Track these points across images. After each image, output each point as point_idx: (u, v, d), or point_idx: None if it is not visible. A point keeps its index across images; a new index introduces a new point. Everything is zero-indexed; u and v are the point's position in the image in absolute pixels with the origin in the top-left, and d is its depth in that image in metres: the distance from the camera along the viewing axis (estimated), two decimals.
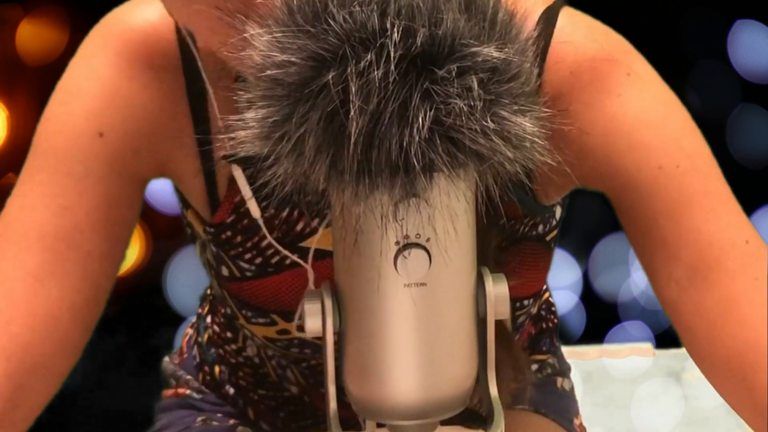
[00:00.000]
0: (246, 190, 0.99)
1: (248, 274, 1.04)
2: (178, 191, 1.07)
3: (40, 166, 0.98)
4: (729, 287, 0.93)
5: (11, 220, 0.98)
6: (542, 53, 0.95)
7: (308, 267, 1.02)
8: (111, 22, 1.01)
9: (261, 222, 1.01)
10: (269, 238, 1.01)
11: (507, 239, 1.03)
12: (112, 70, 0.98)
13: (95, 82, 0.99)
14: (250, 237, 1.02)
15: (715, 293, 0.93)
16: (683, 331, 0.96)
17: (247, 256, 1.03)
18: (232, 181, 1.00)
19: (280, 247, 1.02)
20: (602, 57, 0.95)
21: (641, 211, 0.95)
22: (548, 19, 0.96)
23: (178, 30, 0.99)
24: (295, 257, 1.02)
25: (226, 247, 1.03)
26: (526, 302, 1.09)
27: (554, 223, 1.06)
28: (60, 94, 1.00)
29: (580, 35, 0.96)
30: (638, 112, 0.95)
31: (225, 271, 1.05)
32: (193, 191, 1.04)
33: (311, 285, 1.03)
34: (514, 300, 1.06)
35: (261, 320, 1.07)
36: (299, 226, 1.01)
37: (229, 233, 1.03)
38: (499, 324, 1.04)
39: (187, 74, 0.99)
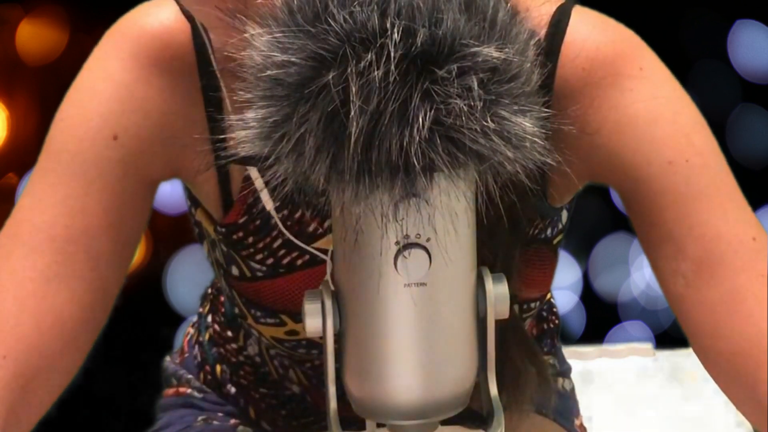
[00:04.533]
0: (259, 183, 0.99)
1: (259, 274, 1.04)
2: (187, 191, 1.07)
3: (52, 167, 0.98)
4: (735, 282, 0.93)
5: (21, 220, 0.98)
6: (556, 50, 0.96)
7: (328, 260, 1.02)
8: (126, 25, 1.00)
9: (275, 215, 1.01)
10: (287, 234, 1.01)
11: (518, 243, 1.04)
12: (126, 73, 0.98)
13: (110, 85, 0.98)
14: (262, 237, 1.02)
15: (721, 288, 0.93)
16: (688, 325, 0.96)
17: (259, 256, 1.03)
18: (246, 180, 1.00)
19: (298, 242, 1.01)
20: (615, 53, 0.96)
21: (650, 205, 0.96)
22: (561, 17, 0.97)
23: (193, 31, 0.98)
24: (313, 250, 1.02)
25: (237, 247, 1.03)
26: (533, 305, 1.10)
27: (560, 227, 1.06)
28: (74, 95, 1.00)
29: (594, 32, 0.97)
30: (650, 106, 0.96)
31: (235, 271, 1.05)
32: (206, 191, 1.04)
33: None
34: (521, 302, 1.07)
35: (270, 320, 1.07)
36: (311, 228, 1.01)
37: (240, 234, 1.03)
38: (523, 333, 1.05)
39: (203, 76, 0.99)
